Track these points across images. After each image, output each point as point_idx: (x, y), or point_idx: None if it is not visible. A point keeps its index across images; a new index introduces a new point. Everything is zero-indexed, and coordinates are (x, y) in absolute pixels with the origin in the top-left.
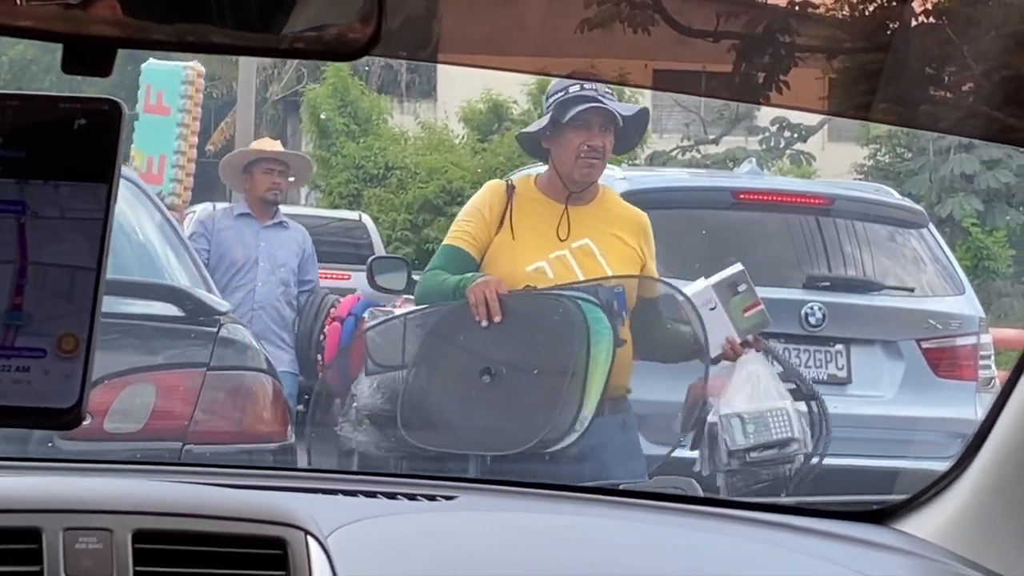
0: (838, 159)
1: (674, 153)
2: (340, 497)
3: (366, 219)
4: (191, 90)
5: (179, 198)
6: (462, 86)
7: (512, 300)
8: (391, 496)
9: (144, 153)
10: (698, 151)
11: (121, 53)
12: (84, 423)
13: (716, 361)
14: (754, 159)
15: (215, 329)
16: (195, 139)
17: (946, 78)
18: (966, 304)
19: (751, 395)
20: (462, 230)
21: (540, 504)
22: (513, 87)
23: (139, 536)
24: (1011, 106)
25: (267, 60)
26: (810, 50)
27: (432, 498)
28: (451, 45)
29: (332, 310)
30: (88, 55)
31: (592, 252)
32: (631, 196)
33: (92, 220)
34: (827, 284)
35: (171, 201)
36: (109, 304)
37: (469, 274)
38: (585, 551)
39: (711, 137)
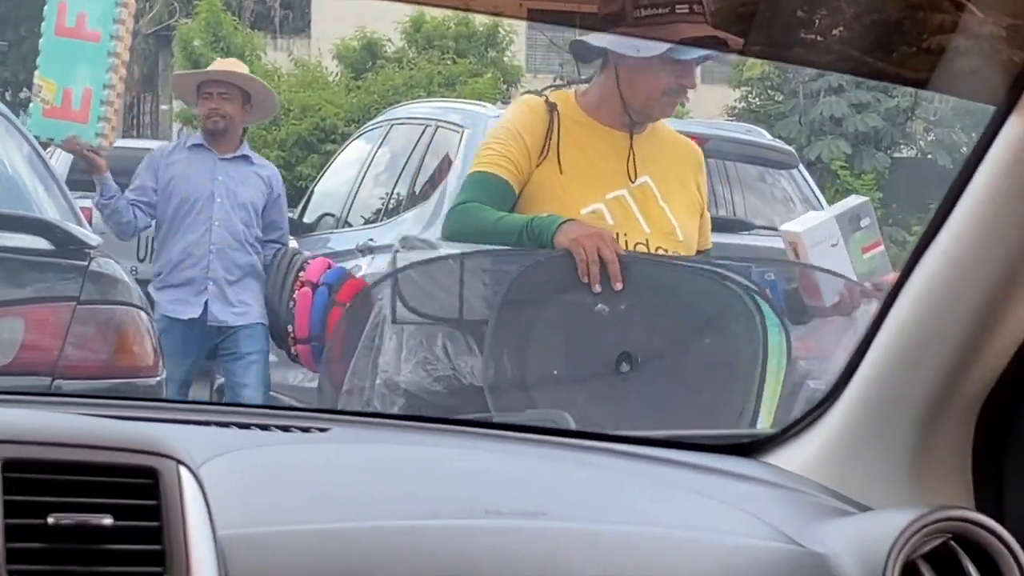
0: (710, 100)
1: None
2: (214, 428)
3: None
4: (124, 14)
5: (107, 139)
6: (336, 23)
7: (638, 266)
8: (264, 428)
9: (59, 84)
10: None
11: None
12: None
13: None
14: None
15: (85, 263)
16: (124, 71)
17: (817, 20)
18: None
19: None
20: (498, 154)
21: (413, 436)
22: (387, 25)
23: (8, 465)
24: (880, 49)
25: None
26: None
27: (306, 430)
28: None
29: (302, 273)
30: None
31: (653, 194)
32: None
33: None
34: None
35: (99, 143)
36: None
37: (546, 215)
38: (457, 482)
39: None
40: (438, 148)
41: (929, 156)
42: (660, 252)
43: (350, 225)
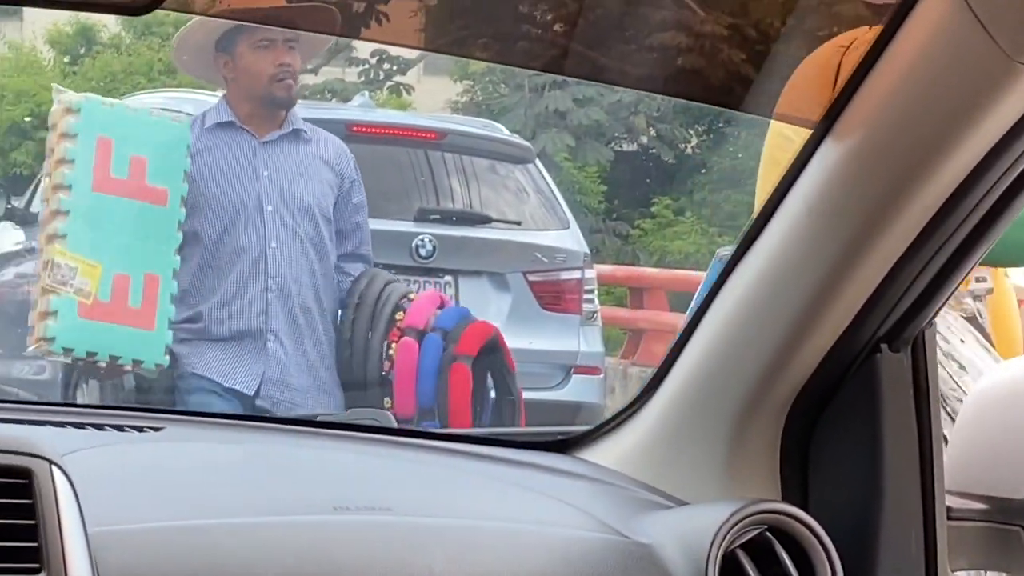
0: (435, 93)
1: None
2: (49, 428)
3: None
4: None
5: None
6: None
7: None
8: (99, 427)
9: (105, 268)
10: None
11: None
12: None
13: None
14: (367, 93)
15: None
16: None
17: (538, 15)
18: (570, 239)
19: None
20: None
21: (245, 435)
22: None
23: None
24: (602, 46)
25: None
26: None
27: (140, 429)
28: None
29: (400, 314)
30: None
31: None
32: None
33: None
34: (437, 217)
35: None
36: None
37: None
38: (302, 479)
39: (309, 68)
40: None
41: (652, 151)
42: None
43: None
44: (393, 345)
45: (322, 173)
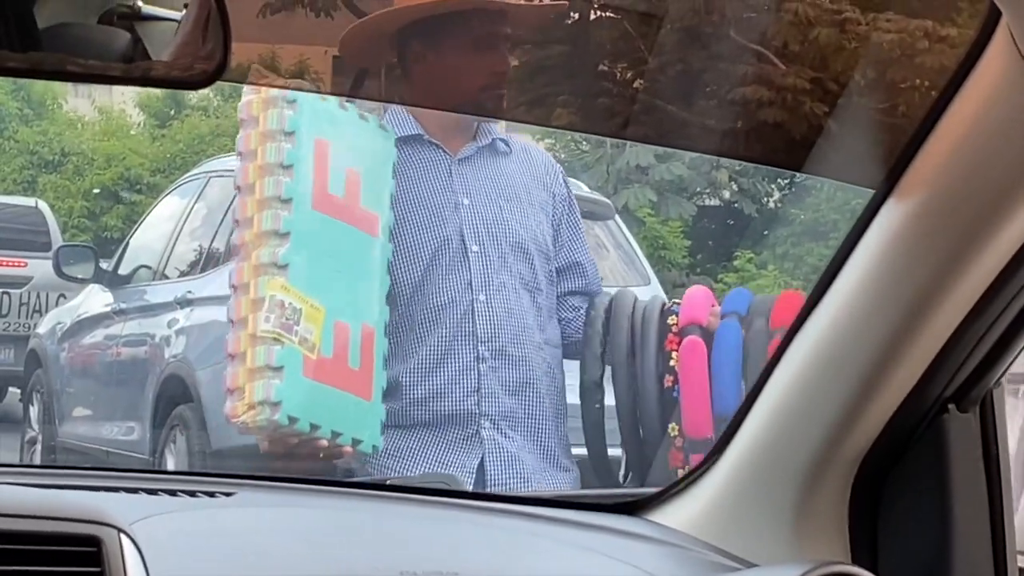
0: None
1: None
2: (122, 495)
3: (43, 206)
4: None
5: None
6: None
7: None
8: (172, 493)
9: (328, 312)
10: None
11: None
12: None
13: None
14: None
15: None
16: None
17: (618, 73)
18: (651, 294)
19: None
20: None
21: (315, 499)
22: None
23: None
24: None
25: None
26: None
27: (212, 495)
28: None
29: (672, 318)
30: None
31: None
32: None
33: None
34: None
35: (372, 447)
36: None
37: None
38: (370, 545)
39: None
40: None
41: (735, 204)
42: None
43: (167, 278)
44: (673, 354)
45: (533, 194)
